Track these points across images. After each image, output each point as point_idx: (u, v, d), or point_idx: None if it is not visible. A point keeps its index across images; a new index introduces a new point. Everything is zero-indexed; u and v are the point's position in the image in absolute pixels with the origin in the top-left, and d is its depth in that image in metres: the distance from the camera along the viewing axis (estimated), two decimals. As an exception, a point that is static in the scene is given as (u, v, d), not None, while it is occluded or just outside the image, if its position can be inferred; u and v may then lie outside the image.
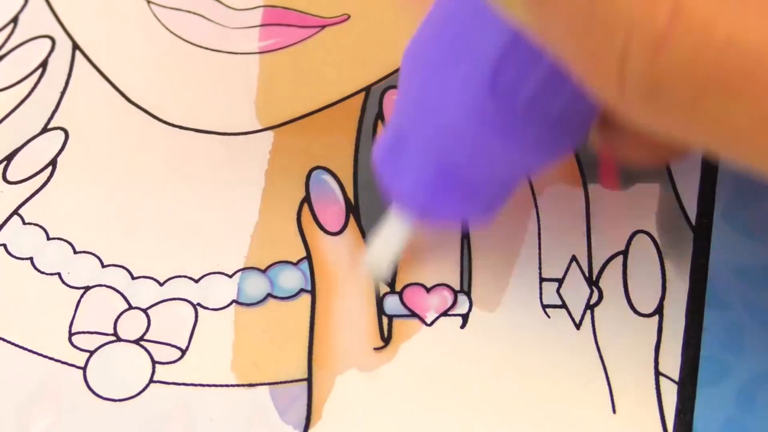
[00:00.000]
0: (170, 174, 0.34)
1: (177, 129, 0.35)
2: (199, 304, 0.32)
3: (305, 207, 0.33)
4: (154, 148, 0.34)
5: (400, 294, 0.32)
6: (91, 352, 0.31)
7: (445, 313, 0.31)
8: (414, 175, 0.28)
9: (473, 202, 0.29)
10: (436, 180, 0.28)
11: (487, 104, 0.27)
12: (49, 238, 0.33)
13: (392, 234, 0.30)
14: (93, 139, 0.35)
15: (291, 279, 0.32)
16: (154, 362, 0.31)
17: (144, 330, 0.31)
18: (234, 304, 0.32)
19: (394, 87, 0.35)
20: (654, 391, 0.30)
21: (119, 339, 0.31)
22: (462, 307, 0.31)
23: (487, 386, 0.30)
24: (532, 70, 0.26)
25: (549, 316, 0.31)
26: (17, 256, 0.33)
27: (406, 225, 0.30)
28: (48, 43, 0.36)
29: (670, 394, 0.30)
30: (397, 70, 0.35)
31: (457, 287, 0.32)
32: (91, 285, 0.32)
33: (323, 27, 0.36)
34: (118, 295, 0.32)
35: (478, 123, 0.27)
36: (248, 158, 0.34)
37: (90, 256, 0.32)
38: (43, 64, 0.36)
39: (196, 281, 0.32)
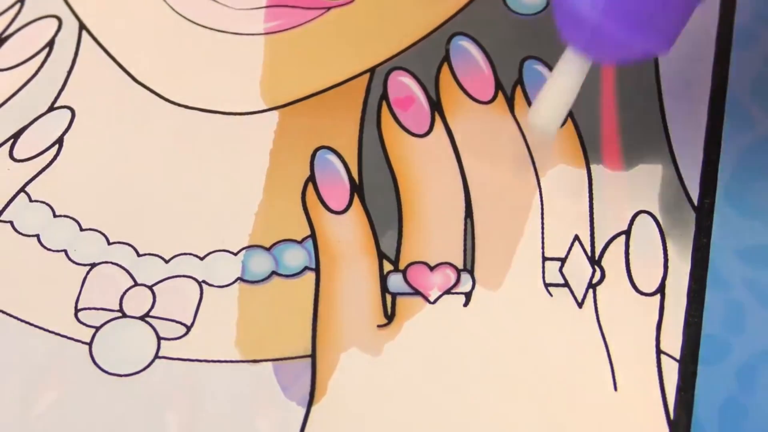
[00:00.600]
0: (175, 153, 0.34)
1: (182, 108, 0.35)
2: (204, 281, 0.32)
3: (310, 186, 0.33)
4: (159, 127, 0.34)
5: (404, 272, 0.32)
6: (97, 328, 0.31)
7: (448, 291, 0.32)
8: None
9: (651, 26, 0.28)
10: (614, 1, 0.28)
11: None
12: (55, 216, 0.33)
13: (567, 78, 0.29)
14: (99, 118, 0.35)
15: (295, 257, 0.32)
16: (159, 338, 0.31)
17: (149, 306, 0.31)
18: (239, 281, 0.32)
19: (399, 68, 0.35)
20: (655, 369, 0.30)
21: (125, 315, 0.31)
22: (465, 285, 0.32)
23: (490, 364, 0.30)
24: None
25: (551, 295, 0.31)
26: (24, 233, 0.33)
27: (582, 66, 0.29)
28: (54, 23, 0.36)
29: (671, 372, 0.30)
30: (401, 52, 0.35)
31: (461, 266, 0.32)
32: (96, 262, 0.32)
33: (329, 8, 0.36)
34: (124, 272, 0.32)
35: None
36: (253, 138, 0.34)
37: (96, 233, 0.33)
38: (50, 44, 0.36)
39: (201, 259, 0.32)
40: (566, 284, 0.32)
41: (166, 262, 0.32)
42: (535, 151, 0.34)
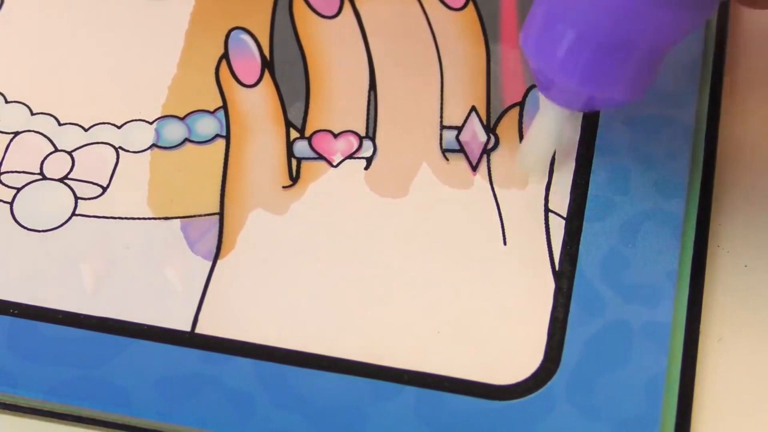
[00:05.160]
0: (96, 32, 0.36)
1: (105, -7, 0.37)
2: (120, 147, 0.34)
3: (223, 62, 0.35)
4: (83, 8, 0.36)
5: (309, 139, 0.34)
6: (18, 189, 0.33)
7: (350, 156, 0.33)
8: (572, 53, 0.28)
9: (628, 84, 0.29)
10: (596, 56, 0.28)
11: None
12: (-18, 90, 0.35)
13: (548, 127, 0.31)
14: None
15: (207, 125, 0.34)
16: (76, 198, 0.33)
17: (68, 170, 0.33)
18: (153, 147, 0.34)
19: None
20: (543, 226, 0.32)
21: (45, 177, 0.33)
22: (366, 150, 0.33)
23: (388, 221, 0.32)
24: None
25: (448, 160, 0.33)
26: (-50, 105, 0.35)
27: (562, 115, 0.31)
28: None
29: (558, 228, 0.32)
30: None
31: (363, 133, 0.34)
32: (20, 130, 0.34)
33: None
34: (46, 139, 0.34)
35: None
36: (169, 20, 0.36)
37: (20, 105, 0.34)
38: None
39: (119, 127, 0.34)
40: (462, 150, 0.34)
41: (86, 130, 0.34)
42: (437, 30, 0.35)
